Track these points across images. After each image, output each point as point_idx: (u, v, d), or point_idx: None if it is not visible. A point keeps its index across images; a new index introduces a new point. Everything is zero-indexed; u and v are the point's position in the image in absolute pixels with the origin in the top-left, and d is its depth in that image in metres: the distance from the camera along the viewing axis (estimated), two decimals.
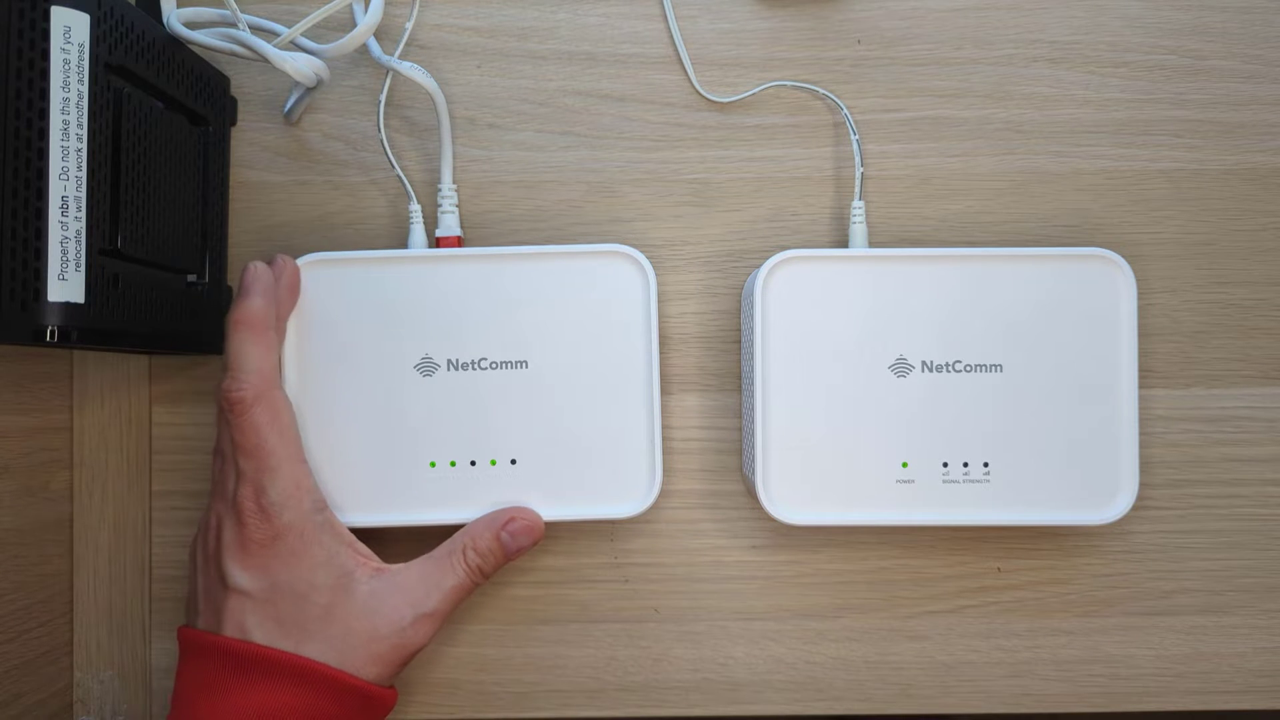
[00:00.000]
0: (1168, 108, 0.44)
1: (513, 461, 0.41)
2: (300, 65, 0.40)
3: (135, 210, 0.35)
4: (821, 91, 0.43)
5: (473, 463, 0.41)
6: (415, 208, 0.43)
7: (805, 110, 0.44)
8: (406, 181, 0.43)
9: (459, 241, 0.43)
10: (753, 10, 0.44)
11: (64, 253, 0.32)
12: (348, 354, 0.41)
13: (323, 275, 0.41)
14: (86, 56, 0.32)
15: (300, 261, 0.40)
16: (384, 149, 0.42)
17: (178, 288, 0.39)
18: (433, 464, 0.41)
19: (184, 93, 0.39)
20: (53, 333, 0.32)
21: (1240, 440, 0.44)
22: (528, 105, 0.44)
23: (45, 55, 0.32)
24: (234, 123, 0.44)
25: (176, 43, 0.39)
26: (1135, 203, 0.44)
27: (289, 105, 0.43)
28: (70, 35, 0.32)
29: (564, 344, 0.41)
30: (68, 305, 0.32)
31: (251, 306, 0.38)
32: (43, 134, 0.31)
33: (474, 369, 0.41)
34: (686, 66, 0.44)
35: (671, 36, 0.44)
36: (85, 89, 0.32)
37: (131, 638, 0.44)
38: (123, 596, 0.44)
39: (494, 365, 0.41)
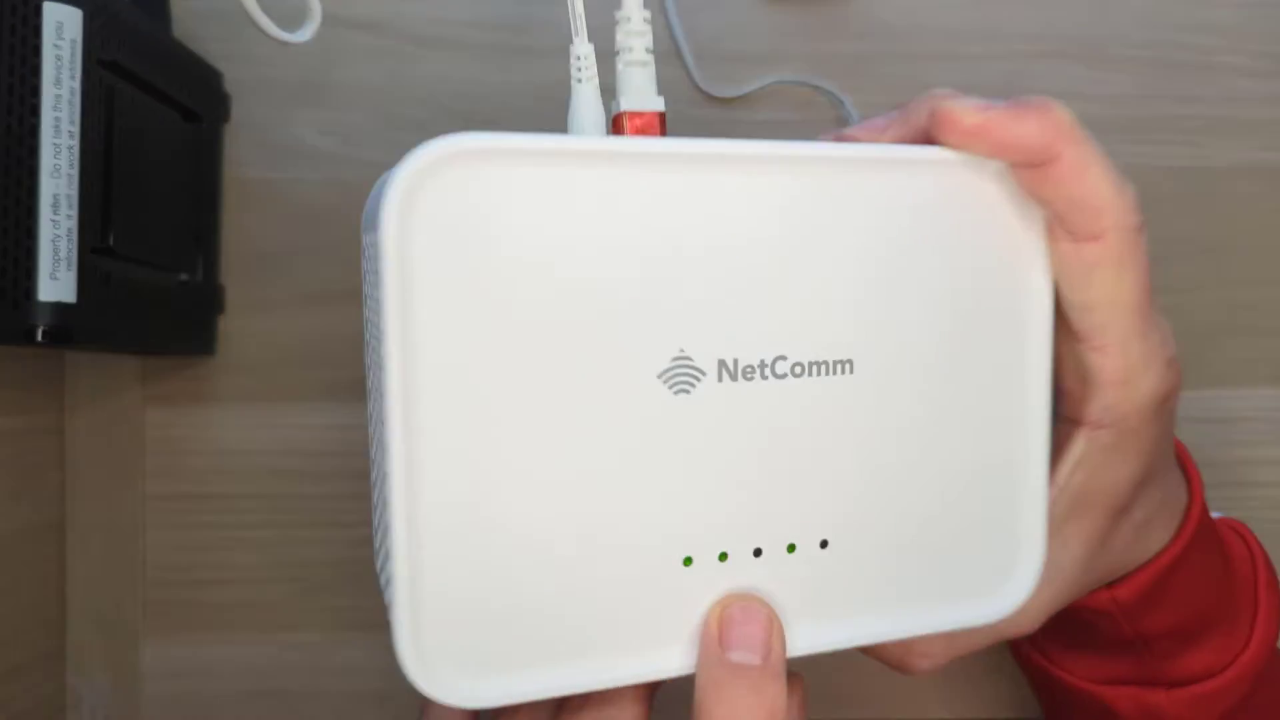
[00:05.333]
0: (1175, 104, 0.43)
1: (822, 544, 0.25)
2: None
3: (128, 208, 0.35)
4: (826, 87, 0.43)
5: (757, 552, 0.25)
6: (586, 49, 0.27)
7: (809, 107, 0.43)
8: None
9: (660, 123, 0.27)
10: (755, 5, 0.44)
11: (55, 251, 0.32)
12: (528, 353, 0.23)
13: (468, 190, 0.22)
14: (79, 53, 0.32)
15: (432, 151, 0.22)
16: None
17: (170, 287, 0.39)
18: (688, 561, 0.24)
19: (177, 89, 0.39)
20: (44, 333, 0.31)
21: (1252, 442, 0.43)
22: (527, 101, 0.44)
23: (37, 51, 0.31)
24: (227, 119, 0.43)
25: (171, 39, 0.38)
26: (1143, 200, 0.43)
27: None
28: (63, 31, 0.32)
29: (917, 332, 0.26)
30: (59, 305, 0.32)
31: None
32: (34, 131, 0.31)
33: (762, 377, 0.25)
34: (687, 62, 0.43)
35: (671, 32, 0.43)
36: (78, 85, 0.32)
37: (124, 643, 0.43)
38: (115, 601, 0.43)
39: (796, 371, 0.25)
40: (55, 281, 0.32)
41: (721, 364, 0.24)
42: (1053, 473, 0.28)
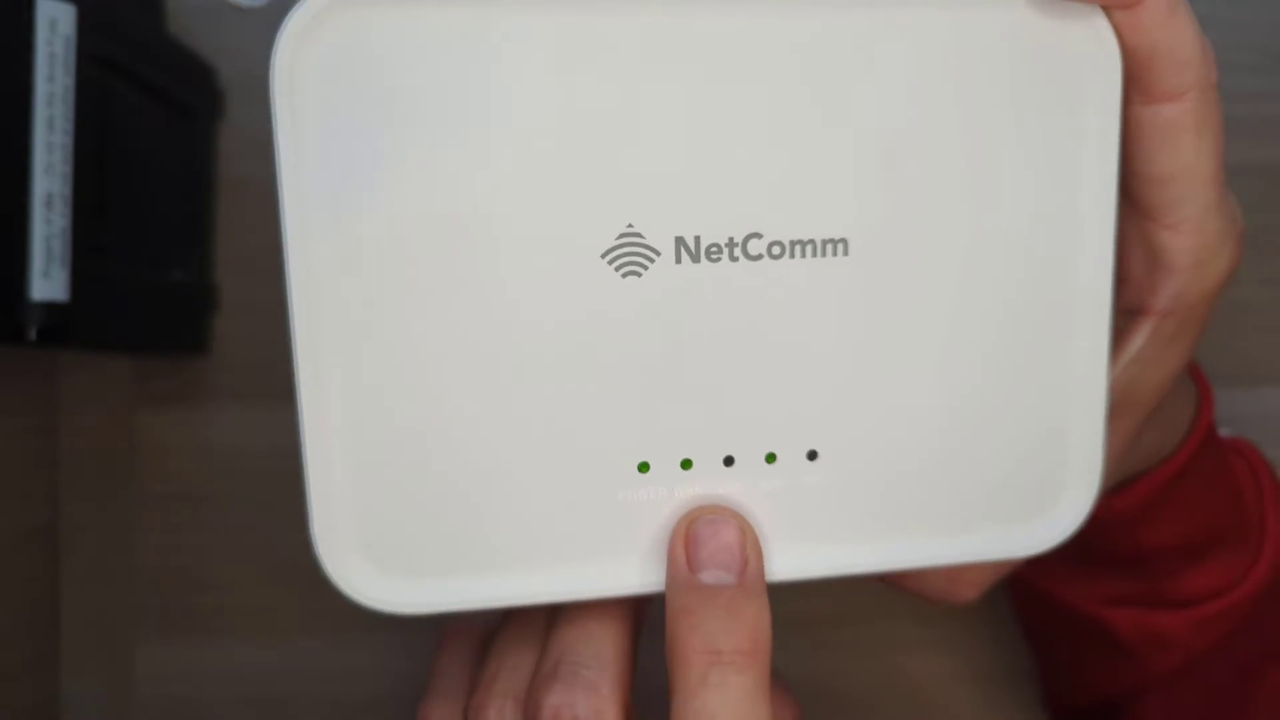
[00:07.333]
0: None
1: (811, 455, 0.22)
2: None
3: (121, 206, 0.35)
4: None
5: (728, 461, 0.22)
6: None
7: None
8: None
9: None
10: None
11: (48, 250, 0.31)
12: (452, 227, 0.21)
13: (388, 40, 0.20)
14: (72, 49, 0.32)
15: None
16: None
17: (164, 286, 0.39)
18: (644, 466, 0.22)
19: (172, 85, 0.38)
20: (36, 332, 0.31)
21: (1269, 442, 0.43)
22: None
23: (30, 48, 0.31)
24: (222, 116, 0.43)
25: (165, 35, 0.38)
26: None
27: None
28: (56, 27, 0.32)
29: (936, 207, 0.22)
30: (51, 304, 0.31)
31: None
32: (27, 128, 0.31)
33: (730, 259, 0.21)
34: None
35: None
36: (71, 82, 0.32)
37: (118, 646, 0.43)
38: (109, 604, 0.43)
39: (774, 251, 0.21)
40: (48, 280, 0.31)
41: (680, 242, 0.21)
42: None
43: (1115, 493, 0.31)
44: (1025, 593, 0.37)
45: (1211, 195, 0.24)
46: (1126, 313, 0.26)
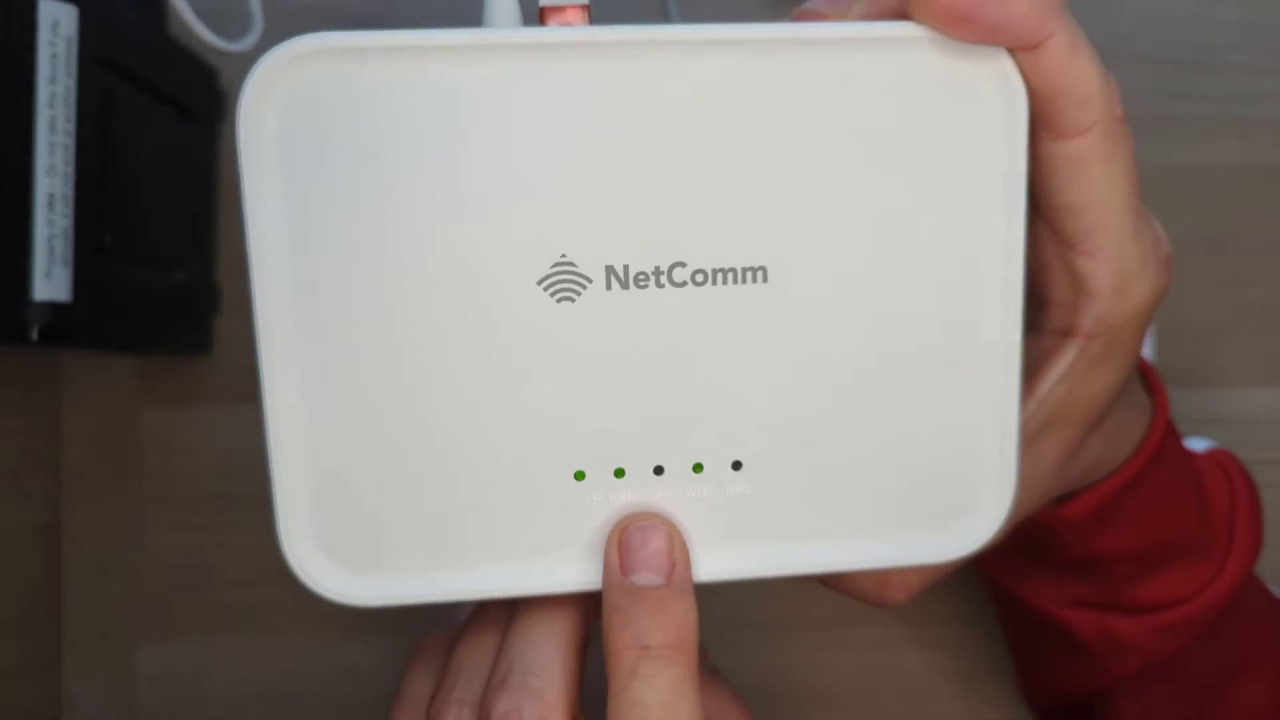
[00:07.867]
0: (1180, 103, 0.43)
1: (735, 465, 0.24)
2: None
3: (123, 207, 0.35)
4: None
5: (658, 470, 0.24)
6: None
7: None
8: None
9: (586, 12, 0.23)
10: (757, 12, 0.43)
11: (50, 250, 0.31)
12: (399, 257, 0.22)
13: (342, 90, 0.22)
14: (74, 50, 0.32)
15: (287, 52, 0.22)
16: None
17: (166, 286, 0.39)
18: (580, 475, 0.24)
19: (173, 86, 0.38)
20: (38, 332, 0.31)
21: (1255, 443, 0.43)
22: None
23: (32, 49, 0.31)
24: (223, 117, 0.43)
25: (166, 36, 0.38)
26: (1146, 200, 0.43)
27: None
28: (58, 28, 0.32)
29: (853, 238, 0.23)
30: (54, 304, 0.31)
31: None
32: (29, 129, 0.31)
33: (657, 285, 0.23)
34: None
35: None
36: (73, 83, 0.32)
37: (120, 644, 0.43)
38: (111, 603, 0.43)
39: (698, 279, 0.23)
40: (50, 280, 0.31)
41: (610, 270, 0.23)
42: (1034, 385, 0.27)
43: (1065, 501, 0.31)
44: (996, 591, 0.38)
45: (1125, 223, 0.25)
46: (1057, 333, 0.27)
